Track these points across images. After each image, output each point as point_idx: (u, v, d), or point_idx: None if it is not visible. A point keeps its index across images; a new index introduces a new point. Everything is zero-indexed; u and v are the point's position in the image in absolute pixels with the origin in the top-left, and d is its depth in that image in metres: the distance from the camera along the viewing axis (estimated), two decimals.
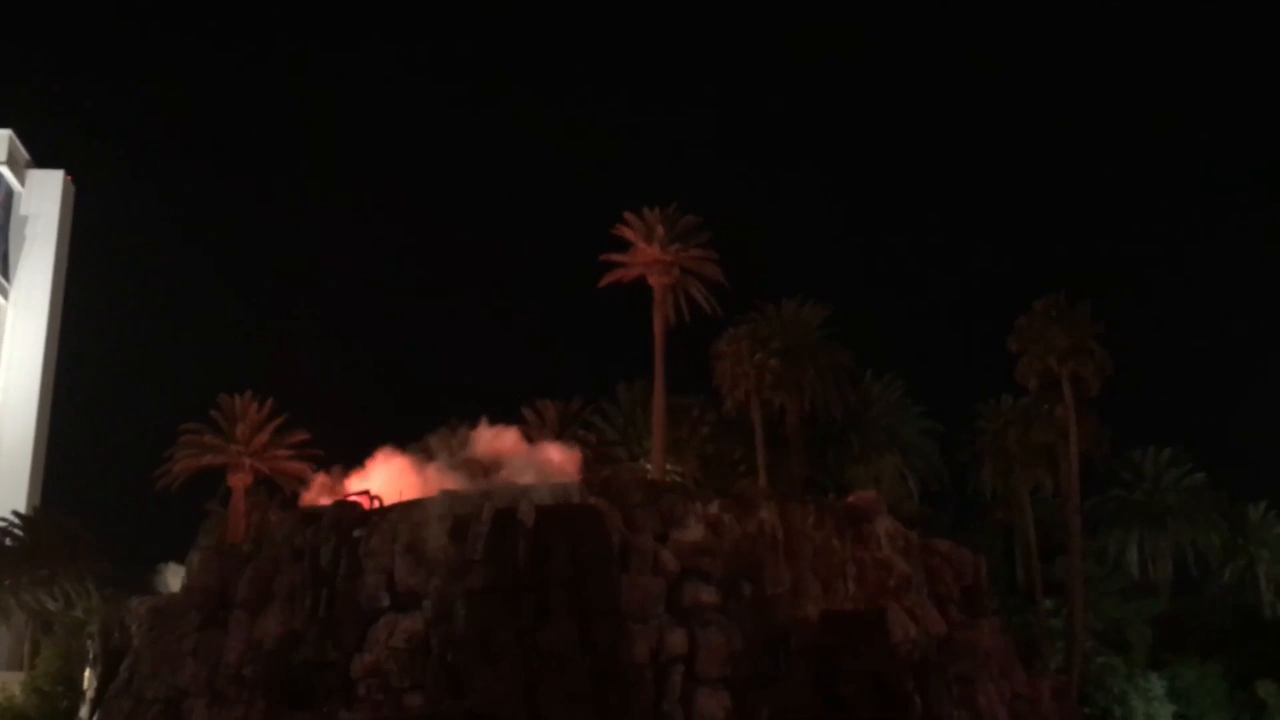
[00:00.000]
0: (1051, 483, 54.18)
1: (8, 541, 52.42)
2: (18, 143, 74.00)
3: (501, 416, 54.10)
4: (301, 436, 48.63)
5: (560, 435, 50.98)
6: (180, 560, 38.74)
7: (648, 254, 50.66)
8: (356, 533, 33.26)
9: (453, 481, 38.45)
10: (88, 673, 36.90)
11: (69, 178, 75.51)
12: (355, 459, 40.70)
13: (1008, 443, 53.35)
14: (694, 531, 32.77)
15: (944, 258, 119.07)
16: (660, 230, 50.53)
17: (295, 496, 45.19)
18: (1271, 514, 60.38)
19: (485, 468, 40.41)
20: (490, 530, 31.67)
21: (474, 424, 42.97)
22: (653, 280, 50.79)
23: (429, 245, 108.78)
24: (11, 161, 73.47)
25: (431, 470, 40.87)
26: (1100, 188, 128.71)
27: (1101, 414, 54.48)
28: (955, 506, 57.71)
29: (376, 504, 35.50)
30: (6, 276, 71.96)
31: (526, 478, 36.75)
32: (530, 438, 49.43)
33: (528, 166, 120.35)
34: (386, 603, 32.00)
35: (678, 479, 50.16)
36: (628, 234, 51.23)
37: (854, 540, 35.96)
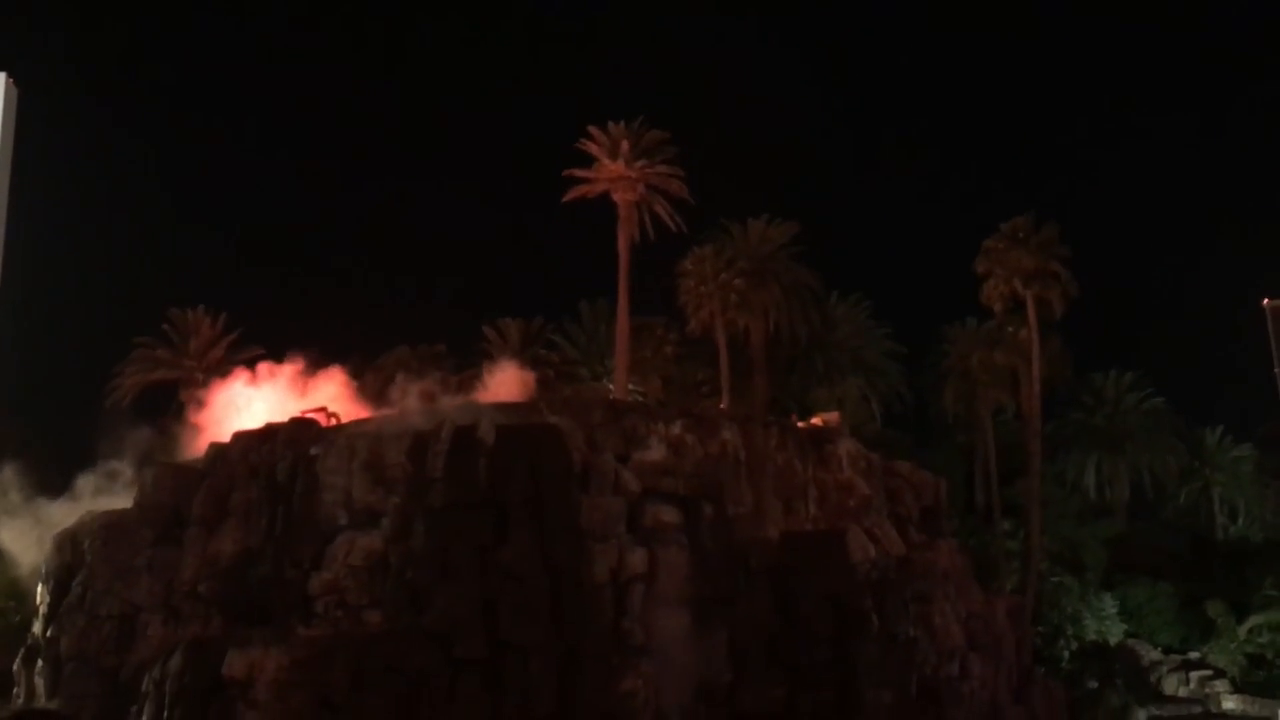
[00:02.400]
0: (1013, 405, 54.63)
1: None
2: None
3: (463, 334, 53.67)
4: (256, 352, 47.84)
5: (522, 354, 50.60)
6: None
7: (612, 170, 49.89)
8: (313, 450, 32.72)
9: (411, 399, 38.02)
10: (40, 588, 36.39)
11: (10, 80, 72.83)
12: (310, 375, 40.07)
13: (971, 365, 53.61)
14: (656, 452, 32.54)
15: (912, 178, 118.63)
16: (625, 145, 49.73)
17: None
18: (1228, 439, 61.36)
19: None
20: (450, 448, 31.28)
21: (432, 343, 42.48)
22: (617, 196, 50.10)
23: (386, 160, 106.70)
24: None
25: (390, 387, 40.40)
26: (1070, 109, 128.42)
27: (1064, 337, 54.89)
28: (917, 428, 58.15)
29: (334, 421, 35.01)
30: None
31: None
32: (491, 355, 48.97)
33: (489, 78, 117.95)
34: (344, 520, 31.65)
35: (640, 399, 49.95)
36: (592, 149, 50.37)
37: (816, 462, 35.91)
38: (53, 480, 45.54)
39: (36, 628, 35.60)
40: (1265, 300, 75.63)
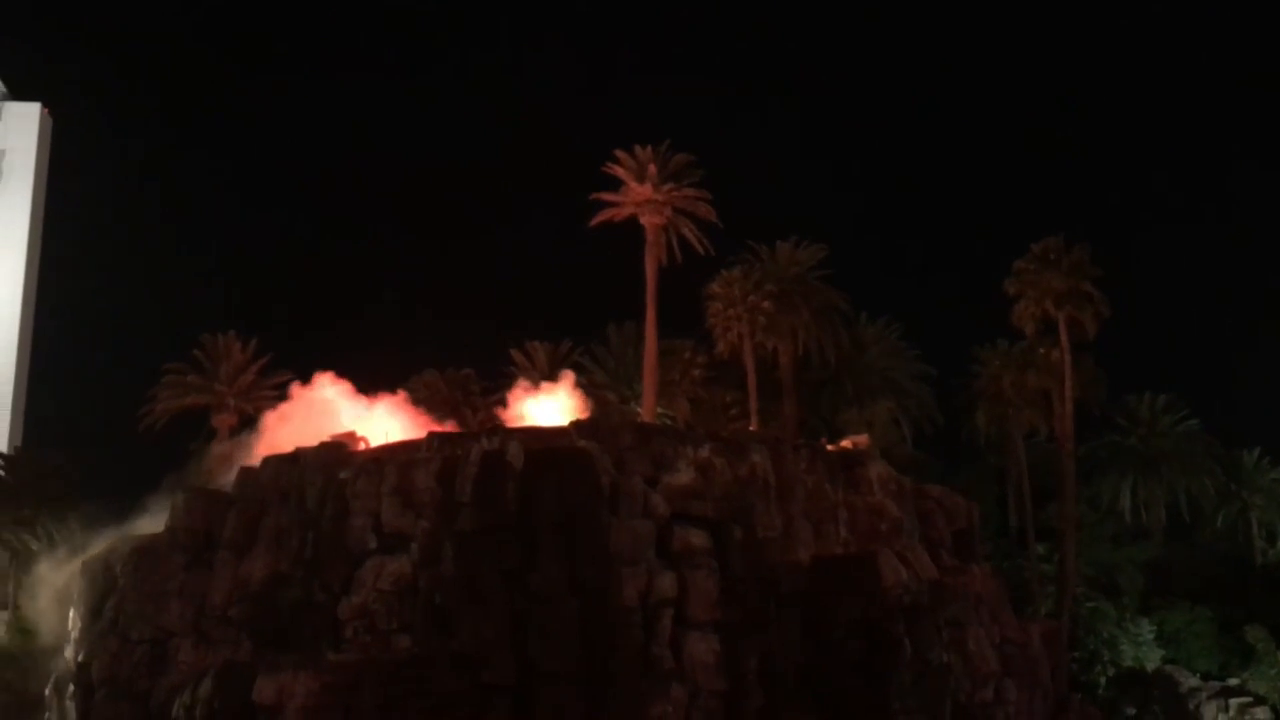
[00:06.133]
0: (1046, 428, 53.98)
1: None
2: None
3: (491, 358, 53.75)
4: (286, 377, 48.03)
5: (550, 378, 50.56)
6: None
7: (640, 193, 49.92)
8: (343, 474, 32.80)
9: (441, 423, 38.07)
10: (71, 612, 36.56)
11: (46, 110, 73.94)
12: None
13: (1003, 387, 53.08)
14: (684, 475, 32.34)
15: (943, 199, 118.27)
16: (652, 169, 49.77)
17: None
18: (1265, 461, 60.37)
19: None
20: (479, 472, 31.24)
21: (460, 367, 42.39)
22: (645, 220, 50.10)
23: (417, 184, 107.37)
24: None
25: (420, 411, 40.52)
26: (1103, 129, 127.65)
27: (1098, 359, 54.35)
28: (949, 451, 57.59)
29: (363, 445, 35.05)
30: None
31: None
32: (519, 379, 49.06)
33: (517, 102, 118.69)
34: (373, 545, 31.65)
35: (668, 422, 49.76)
36: (619, 172, 50.45)
37: (846, 485, 35.59)
38: (87, 507, 45.96)
39: (68, 652, 35.72)
40: None
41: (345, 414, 38.54)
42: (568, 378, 43.60)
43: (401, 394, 40.78)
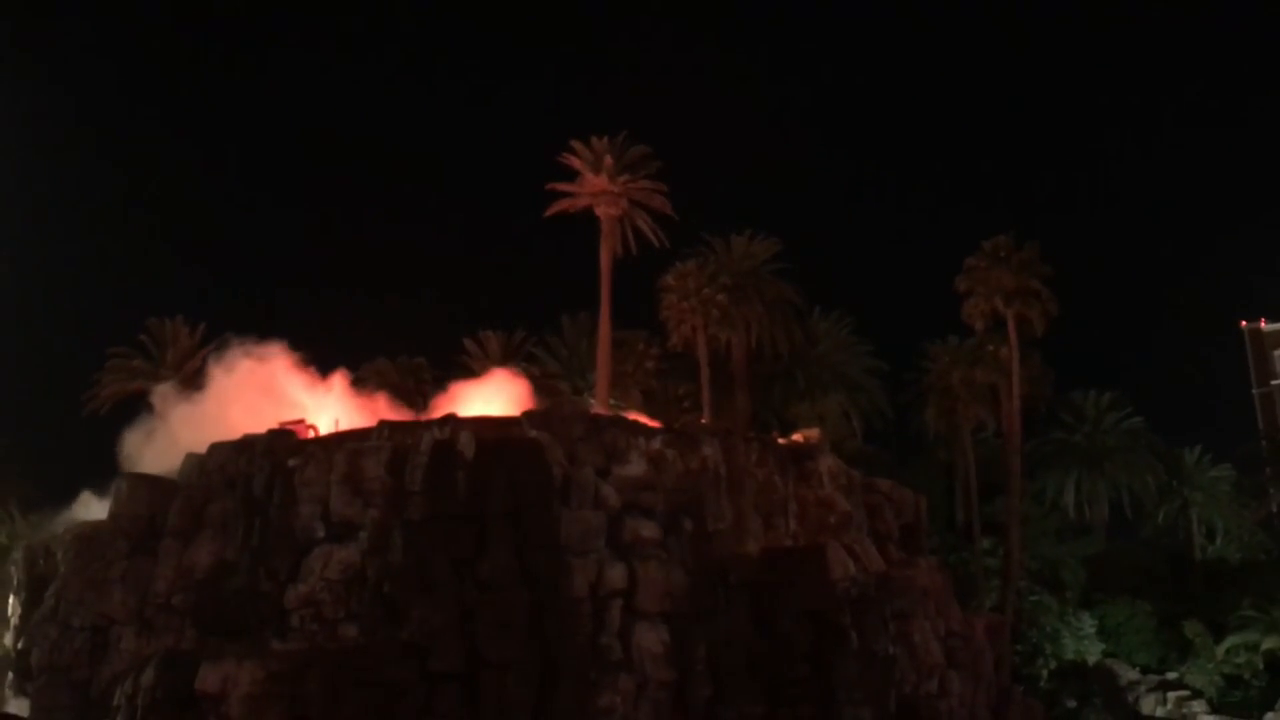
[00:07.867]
0: (994, 423, 54.73)
1: None
2: None
3: (443, 346, 53.52)
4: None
5: (502, 366, 50.42)
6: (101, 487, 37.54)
7: (595, 184, 49.88)
8: (291, 462, 32.44)
9: (391, 411, 37.85)
10: (11, 599, 35.97)
11: None
12: None
13: (952, 383, 53.68)
14: (636, 466, 32.40)
15: (895, 195, 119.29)
16: (609, 160, 49.73)
17: None
18: (1206, 459, 61.52)
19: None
20: (429, 461, 31.09)
21: (413, 355, 42.13)
22: (600, 211, 50.08)
23: (367, 172, 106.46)
24: None
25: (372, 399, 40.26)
26: (1054, 129, 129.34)
27: (1045, 356, 55.17)
28: (898, 445, 58.18)
29: (312, 433, 34.76)
30: None
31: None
32: (472, 368, 48.89)
33: (472, 91, 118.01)
34: (321, 533, 31.38)
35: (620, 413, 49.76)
36: (575, 163, 50.38)
37: (796, 478, 35.88)
38: (26, 491, 45.17)
39: (8, 639, 35.19)
40: (1243, 322, 76.41)
41: (293, 391, 38.13)
42: (505, 373, 43.50)
43: (346, 379, 40.37)
